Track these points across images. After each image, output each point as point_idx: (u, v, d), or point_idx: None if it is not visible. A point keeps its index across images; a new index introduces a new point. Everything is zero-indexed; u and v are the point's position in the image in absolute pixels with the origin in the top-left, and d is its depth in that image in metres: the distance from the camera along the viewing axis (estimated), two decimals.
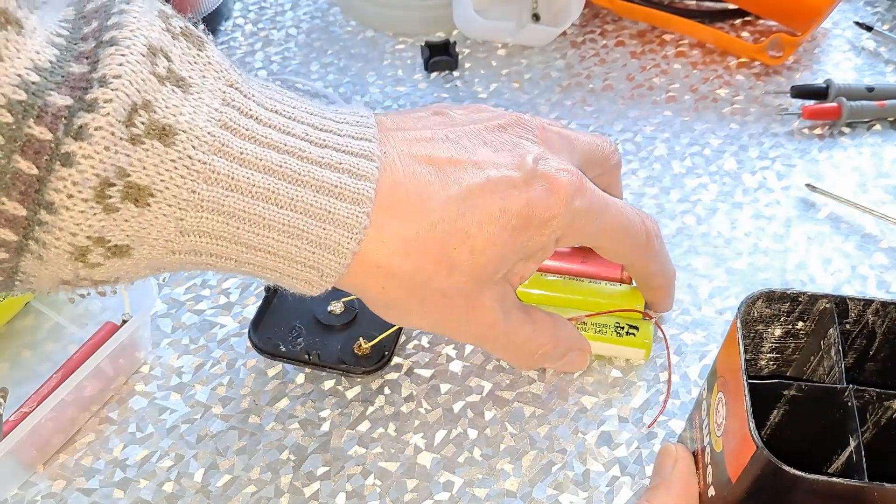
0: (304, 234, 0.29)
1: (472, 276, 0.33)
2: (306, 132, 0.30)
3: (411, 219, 0.31)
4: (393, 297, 0.33)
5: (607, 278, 0.44)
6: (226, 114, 0.28)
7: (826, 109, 0.55)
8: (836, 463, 0.30)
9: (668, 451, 0.34)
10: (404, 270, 0.32)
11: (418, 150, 0.32)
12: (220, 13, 0.64)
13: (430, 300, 0.33)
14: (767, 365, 0.34)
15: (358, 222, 0.30)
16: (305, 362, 0.41)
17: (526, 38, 0.62)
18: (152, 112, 0.26)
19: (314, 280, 0.31)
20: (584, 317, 0.42)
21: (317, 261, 0.30)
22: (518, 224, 0.33)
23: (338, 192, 0.30)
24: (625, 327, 0.42)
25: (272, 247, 0.30)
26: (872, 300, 0.31)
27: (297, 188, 0.29)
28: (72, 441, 0.40)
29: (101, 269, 0.28)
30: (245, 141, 0.28)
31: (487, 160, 0.33)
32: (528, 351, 0.37)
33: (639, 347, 0.41)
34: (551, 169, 0.34)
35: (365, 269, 0.31)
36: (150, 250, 0.28)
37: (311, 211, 0.29)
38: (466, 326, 0.35)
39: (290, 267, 0.30)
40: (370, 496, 0.38)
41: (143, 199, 0.26)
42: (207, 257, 0.29)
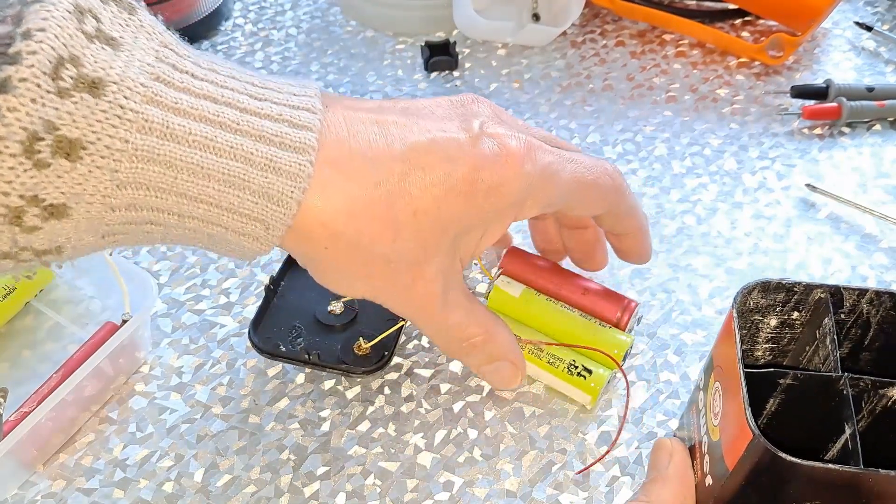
0: (245, 183, 0.29)
1: (416, 241, 0.32)
2: (245, 87, 0.29)
3: (355, 177, 0.30)
4: (336, 259, 0.32)
5: (602, 318, 0.42)
6: (159, 68, 0.27)
7: (826, 109, 0.55)
8: (832, 450, 0.30)
9: (664, 446, 0.34)
10: (349, 232, 0.31)
11: (363, 114, 0.32)
12: (220, 13, 0.64)
13: (374, 265, 0.32)
14: (764, 355, 0.34)
15: (301, 170, 0.29)
16: (305, 362, 0.41)
17: (526, 38, 0.62)
18: (80, 66, 0.25)
19: (260, 234, 0.30)
20: (544, 343, 0.40)
21: (261, 212, 0.29)
22: (465, 189, 0.32)
23: (279, 142, 0.29)
24: (579, 367, 0.40)
25: (213, 197, 0.29)
26: (867, 289, 0.31)
27: (236, 136, 0.28)
28: (72, 441, 0.40)
29: (40, 233, 0.27)
30: (180, 92, 0.28)
31: (435, 124, 0.32)
32: (456, 336, 0.35)
33: (585, 392, 0.40)
34: (498, 132, 0.33)
35: (309, 224, 0.30)
36: (87, 208, 0.27)
37: (251, 159, 0.29)
38: (407, 297, 0.33)
39: (233, 220, 0.29)
40: (370, 496, 0.38)
41: (74, 152, 0.26)
42: (148, 212, 0.28)
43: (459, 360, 0.38)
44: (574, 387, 0.40)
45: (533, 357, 0.40)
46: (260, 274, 0.47)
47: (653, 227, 0.49)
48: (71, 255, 0.29)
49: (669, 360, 0.43)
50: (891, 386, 0.30)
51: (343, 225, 0.30)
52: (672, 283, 0.46)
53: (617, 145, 0.54)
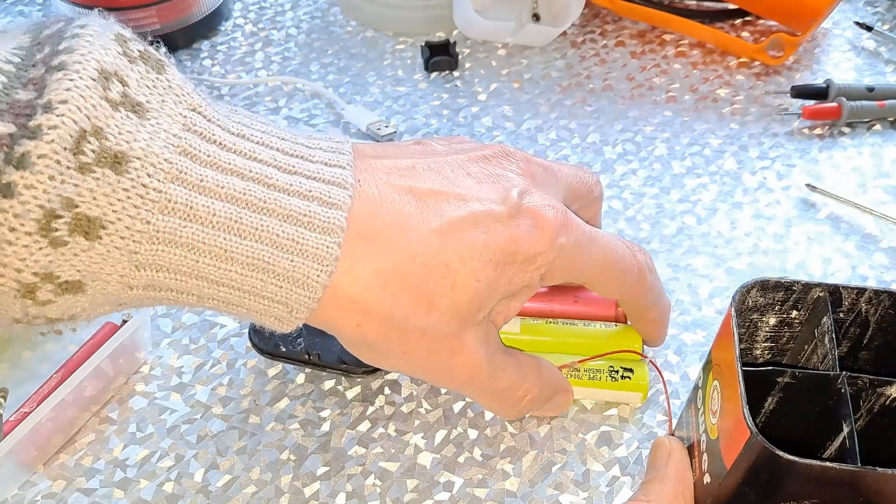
0: (270, 266, 0.28)
1: (453, 313, 0.31)
2: (275, 157, 0.28)
3: (388, 250, 0.29)
4: (370, 335, 0.31)
5: (601, 318, 0.42)
6: (186, 139, 0.26)
7: (826, 109, 0.55)
8: (830, 449, 0.30)
9: (662, 445, 0.34)
10: (380, 306, 0.30)
11: (397, 179, 0.31)
12: (220, 13, 0.64)
13: (410, 340, 0.31)
14: (762, 354, 0.34)
15: (329, 253, 0.28)
16: (305, 362, 0.41)
17: (526, 38, 0.62)
18: (103, 139, 0.25)
19: (283, 316, 0.29)
20: (577, 363, 0.40)
21: (285, 295, 0.28)
22: (501, 260, 0.31)
23: (307, 222, 0.28)
24: (619, 371, 0.40)
25: (236, 281, 0.28)
26: (865, 288, 0.31)
27: (261, 217, 0.27)
28: (72, 441, 0.40)
29: (53, 306, 0.26)
30: (206, 168, 0.27)
31: (471, 193, 0.32)
32: (513, 397, 0.35)
33: (635, 391, 0.40)
34: (536, 204, 0.32)
35: (338, 303, 0.29)
36: (104, 286, 0.26)
37: (277, 242, 0.28)
38: (449, 370, 0.33)
39: (256, 302, 0.29)
40: (370, 496, 0.38)
41: (93, 231, 0.25)
42: (167, 293, 0.28)
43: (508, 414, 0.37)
44: (622, 391, 0.40)
45: (573, 379, 0.40)
46: None
47: (653, 227, 0.49)
48: (83, 322, 0.28)
49: (669, 360, 0.43)
50: (889, 384, 0.30)
51: (374, 300, 0.30)
52: (672, 283, 0.46)
53: (617, 145, 0.54)
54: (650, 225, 0.49)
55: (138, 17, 0.59)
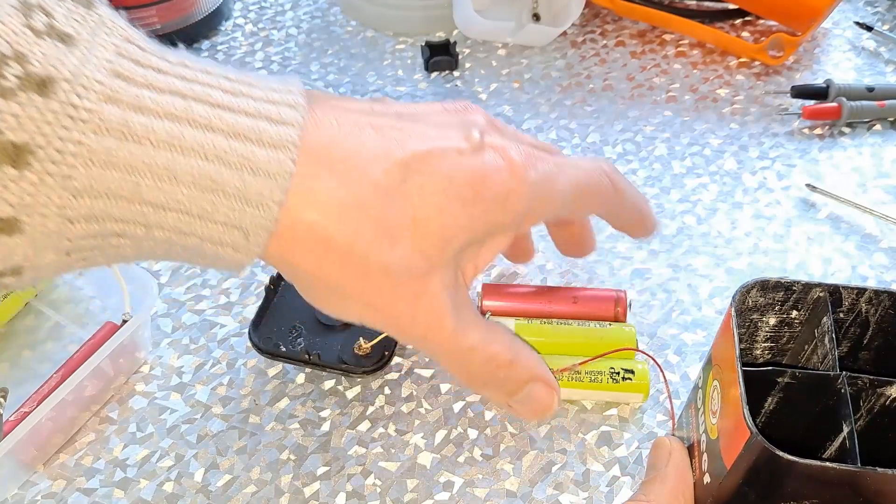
0: (218, 186, 0.26)
1: (417, 249, 0.29)
2: (218, 82, 0.27)
3: (347, 178, 0.28)
4: (330, 272, 0.28)
5: (600, 318, 0.42)
6: (119, 64, 0.25)
7: (826, 109, 0.55)
8: (830, 449, 0.30)
9: (662, 444, 0.34)
10: (341, 236, 0.28)
11: (356, 115, 0.29)
12: (220, 13, 0.64)
13: (372, 278, 0.29)
14: (762, 354, 0.34)
15: (282, 169, 0.26)
16: (305, 362, 0.41)
17: (526, 38, 0.62)
18: (27, 64, 0.23)
19: (239, 244, 0.27)
20: (578, 365, 0.40)
21: (238, 218, 0.26)
22: (468, 196, 0.29)
23: (255, 138, 0.26)
24: (620, 372, 0.40)
25: (182, 204, 0.26)
26: (866, 289, 0.31)
27: (205, 133, 0.25)
28: (72, 441, 0.40)
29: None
30: (142, 88, 0.25)
31: (434, 131, 0.30)
32: (478, 360, 0.32)
33: (637, 391, 0.40)
34: (498, 143, 0.31)
35: (295, 231, 0.27)
36: (42, 221, 0.24)
37: (224, 158, 0.26)
38: (412, 316, 0.30)
39: (208, 228, 0.26)
40: (370, 496, 0.38)
41: (21, 158, 0.23)
42: (112, 223, 0.25)
43: (484, 394, 0.34)
44: (624, 392, 0.40)
45: (574, 382, 0.40)
46: (260, 274, 0.47)
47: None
48: (33, 276, 0.26)
49: (670, 360, 0.43)
50: (889, 385, 0.30)
51: (334, 228, 0.28)
52: (672, 283, 0.46)
53: (617, 145, 0.54)
54: None
55: (138, 16, 0.59)
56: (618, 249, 0.48)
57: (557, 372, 0.39)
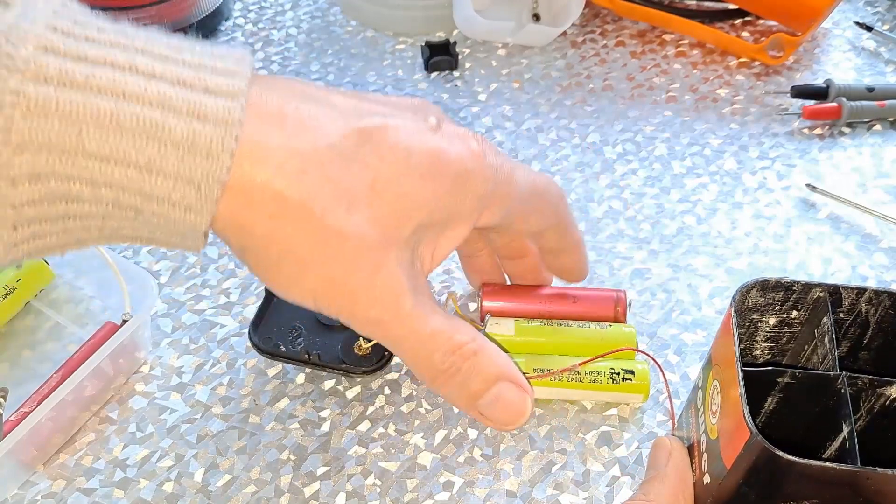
0: (163, 133, 0.24)
1: (374, 218, 0.27)
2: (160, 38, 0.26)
3: (301, 135, 0.26)
4: (284, 234, 0.27)
5: (600, 318, 0.42)
6: (57, 21, 0.24)
7: (826, 109, 0.55)
8: (830, 449, 0.30)
9: (662, 444, 0.34)
10: (296, 193, 0.26)
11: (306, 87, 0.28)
12: (220, 13, 0.64)
13: (329, 244, 0.27)
14: (762, 354, 0.34)
15: (230, 115, 0.25)
16: (305, 362, 0.41)
17: (526, 38, 0.62)
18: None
19: (191, 200, 0.25)
20: (578, 365, 0.40)
21: (188, 170, 0.25)
22: (427, 170, 0.28)
23: (202, 87, 0.25)
24: (620, 373, 0.40)
25: (127, 154, 0.24)
26: (866, 289, 0.31)
27: (149, 81, 0.24)
28: (72, 441, 0.40)
29: None
30: (81, 42, 0.24)
31: (389, 110, 0.29)
32: (440, 349, 0.30)
33: (637, 392, 0.40)
34: (456, 130, 0.30)
35: (247, 186, 0.26)
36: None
37: (169, 104, 0.24)
38: (371, 289, 0.28)
39: (156, 184, 0.25)
40: (370, 496, 0.38)
41: None
42: (57, 183, 0.24)
43: (447, 395, 0.31)
44: (624, 392, 0.40)
45: (574, 382, 0.40)
46: None
47: (653, 227, 0.49)
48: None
49: (670, 360, 0.43)
50: (889, 385, 0.30)
51: (289, 184, 0.26)
52: (672, 283, 0.46)
53: (617, 145, 0.54)
54: (650, 225, 0.49)
55: (138, 16, 0.59)
56: (618, 249, 0.48)
57: (557, 372, 0.40)
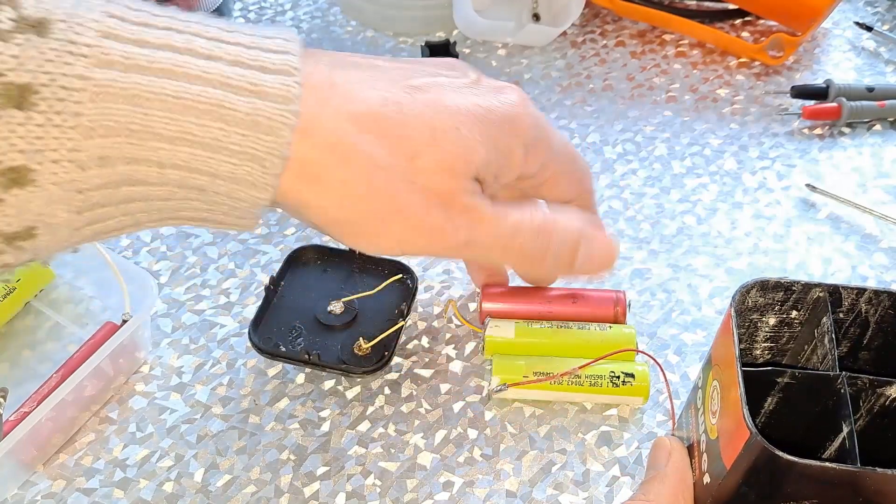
0: (227, 111, 0.25)
1: (438, 164, 0.29)
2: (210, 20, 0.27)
3: (356, 96, 0.27)
4: (357, 195, 0.28)
5: (600, 318, 0.42)
6: (112, 9, 0.25)
7: (826, 109, 0.55)
8: (830, 449, 0.30)
9: (662, 444, 0.34)
10: (361, 151, 0.27)
11: (349, 58, 0.29)
12: (219, 13, 0.64)
13: (401, 194, 0.28)
14: (762, 354, 0.34)
15: (289, 91, 0.26)
16: (305, 362, 0.41)
17: (526, 38, 0.62)
18: (20, 8, 0.23)
19: (255, 177, 0.26)
20: (577, 369, 0.40)
21: (251, 146, 0.26)
22: (479, 114, 0.30)
23: (258, 65, 0.26)
24: (620, 376, 0.40)
25: (194, 134, 0.25)
26: (865, 289, 0.31)
27: (208, 62, 0.25)
28: (72, 441, 0.40)
29: (4, 207, 0.24)
30: (139, 26, 0.25)
31: (432, 69, 0.31)
32: (527, 237, 0.32)
33: (637, 395, 0.40)
34: (496, 83, 0.32)
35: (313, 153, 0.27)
36: (53, 168, 0.24)
37: (230, 83, 0.25)
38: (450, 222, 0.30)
39: (221, 162, 0.26)
40: (370, 496, 0.38)
41: (26, 98, 0.23)
42: (124, 166, 0.25)
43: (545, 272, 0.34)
44: (624, 395, 0.40)
45: (574, 386, 0.40)
46: (260, 274, 0.47)
47: (653, 227, 0.49)
48: (47, 240, 0.25)
49: (669, 360, 0.43)
50: (889, 385, 0.30)
51: (354, 145, 0.27)
52: (672, 283, 0.46)
53: (617, 145, 0.54)
54: (650, 225, 0.49)
55: None
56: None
57: (557, 376, 0.39)
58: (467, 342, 0.44)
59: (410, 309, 0.44)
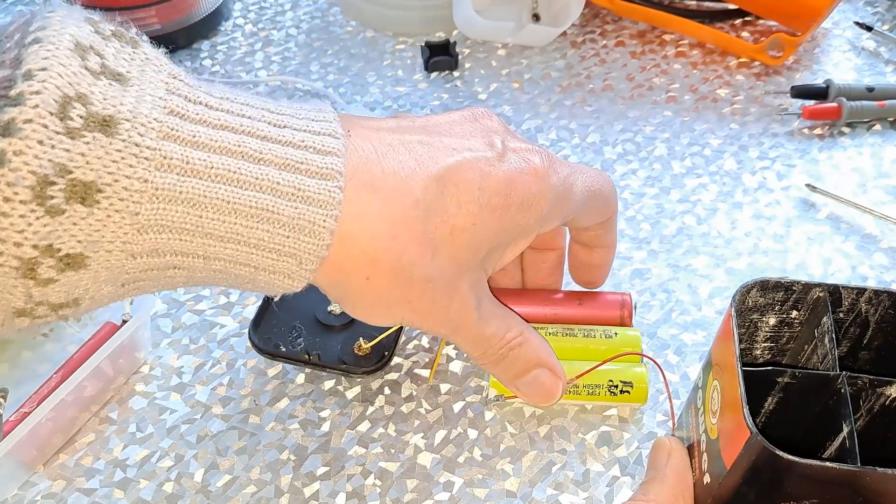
0: (274, 215, 0.28)
1: (453, 258, 0.32)
2: (262, 115, 0.29)
3: (392, 198, 0.30)
4: (378, 288, 0.31)
5: (606, 321, 0.42)
6: (172, 101, 0.26)
7: (826, 109, 0.55)
8: (830, 449, 0.30)
9: (662, 445, 0.34)
10: (390, 254, 0.30)
11: (386, 134, 0.31)
12: (220, 13, 0.64)
13: (415, 288, 0.31)
14: (762, 354, 0.34)
15: (331, 197, 0.28)
16: (305, 362, 0.41)
17: (526, 38, 0.62)
18: (89, 104, 0.24)
19: (292, 270, 0.29)
20: (575, 379, 0.39)
21: (292, 246, 0.28)
22: (498, 203, 0.32)
23: (304, 169, 0.28)
24: (619, 385, 0.40)
25: (241, 234, 0.27)
26: (865, 289, 0.31)
27: (259, 167, 0.27)
28: (72, 441, 0.40)
29: (56, 286, 0.25)
30: (196, 125, 0.27)
31: (458, 143, 0.32)
32: (494, 346, 0.35)
33: (635, 401, 0.40)
34: (521, 147, 0.33)
35: (347, 254, 0.29)
36: (106, 256, 0.26)
37: (278, 189, 0.27)
38: (445, 316, 0.33)
39: (263, 258, 0.28)
40: (370, 496, 0.38)
41: (90, 196, 0.24)
42: (172, 257, 0.27)
43: (495, 373, 0.37)
44: (622, 402, 0.40)
45: (572, 395, 0.40)
46: None
47: (653, 227, 0.49)
48: (89, 306, 0.28)
49: (669, 360, 0.43)
50: (889, 384, 0.30)
51: (384, 249, 0.30)
52: (672, 283, 0.46)
53: (617, 145, 0.54)
54: (650, 225, 0.49)
55: (138, 17, 0.59)
56: (618, 249, 0.48)
57: None
58: None
59: None
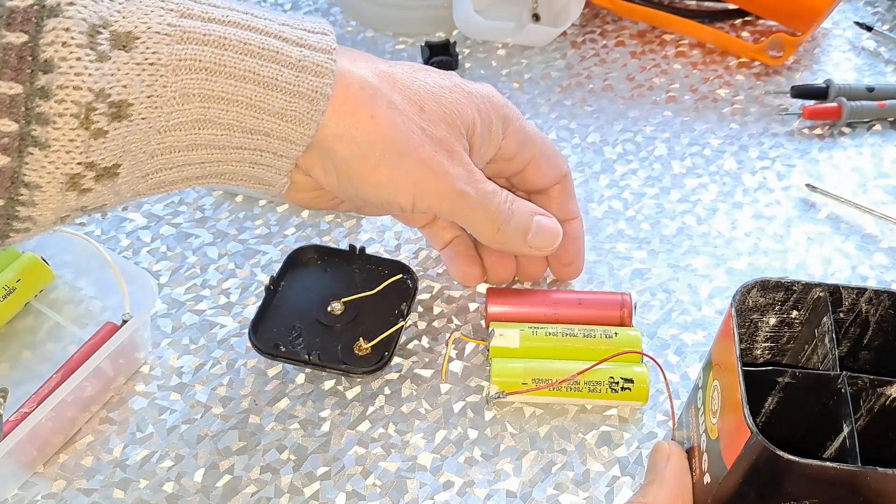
0: (282, 56, 0.33)
1: (439, 118, 0.36)
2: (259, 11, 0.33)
3: (375, 64, 0.36)
4: (382, 127, 0.35)
5: (606, 320, 0.42)
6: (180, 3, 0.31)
7: (826, 109, 0.55)
8: (830, 449, 0.30)
9: (661, 448, 0.34)
10: (385, 93, 0.35)
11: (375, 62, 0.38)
12: None
13: (414, 134, 0.36)
14: (763, 354, 0.34)
15: (329, 45, 0.34)
16: (305, 362, 0.41)
17: (526, 38, 0.62)
18: None
19: (303, 112, 0.33)
20: (576, 375, 0.39)
21: (301, 85, 0.33)
22: (463, 92, 0.38)
23: (302, 27, 0.34)
24: (619, 382, 0.40)
25: (256, 73, 0.32)
26: (866, 289, 0.31)
27: (265, 21, 0.33)
28: (72, 441, 0.40)
29: (106, 140, 0.29)
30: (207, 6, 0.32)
31: None
32: (499, 200, 0.39)
33: (636, 399, 0.40)
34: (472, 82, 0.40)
35: (349, 92, 0.34)
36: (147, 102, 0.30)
37: (283, 36, 0.33)
38: (452, 168, 0.37)
39: (276, 99, 0.33)
40: (370, 496, 0.38)
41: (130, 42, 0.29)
42: (199, 104, 0.31)
43: (508, 237, 0.40)
44: (622, 400, 0.40)
45: (573, 392, 0.40)
46: (260, 274, 0.47)
47: (653, 227, 0.49)
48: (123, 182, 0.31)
49: (669, 360, 0.43)
50: (889, 384, 0.30)
51: (377, 88, 0.35)
52: (672, 283, 0.46)
53: (617, 145, 0.54)
54: (650, 225, 0.49)
55: None
56: (618, 249, 0.48)
57: (556, 382, 0.39)
58: (467, 342, 0.44)
59: (410, 309, 0.44)
